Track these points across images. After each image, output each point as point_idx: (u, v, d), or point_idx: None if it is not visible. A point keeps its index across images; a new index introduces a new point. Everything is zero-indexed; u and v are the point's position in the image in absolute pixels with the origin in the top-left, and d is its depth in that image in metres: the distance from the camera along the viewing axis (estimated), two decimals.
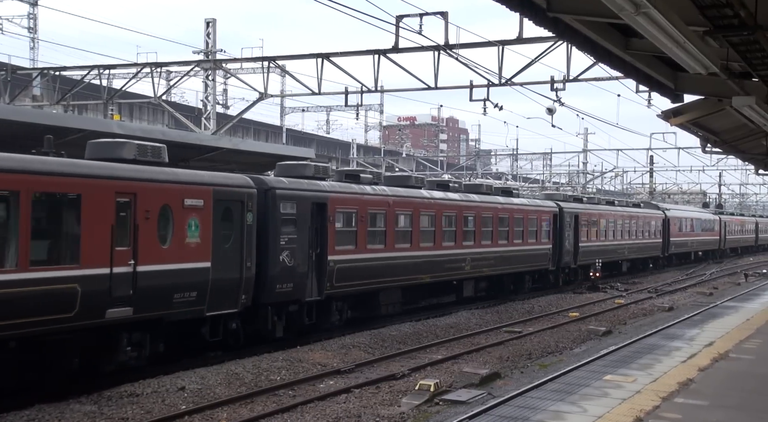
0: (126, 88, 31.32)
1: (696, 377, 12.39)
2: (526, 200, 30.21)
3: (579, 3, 9.98)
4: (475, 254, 24.59)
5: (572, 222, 32.28)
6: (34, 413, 11.22)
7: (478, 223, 24.85)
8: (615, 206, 39.57)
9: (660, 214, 45.33)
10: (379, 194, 20.16)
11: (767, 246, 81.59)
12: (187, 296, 13.99)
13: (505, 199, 27.45)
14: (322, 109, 63.51)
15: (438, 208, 22.63)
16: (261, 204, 16.02)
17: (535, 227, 28.98)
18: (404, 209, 21.03)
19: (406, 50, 23.06)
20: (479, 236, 24.90)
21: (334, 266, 18.13)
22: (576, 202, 34.91)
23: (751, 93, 13.26)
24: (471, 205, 24.65)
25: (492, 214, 25.86)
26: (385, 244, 20.16)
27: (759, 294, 28.90)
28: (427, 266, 21.98)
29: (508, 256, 26.92)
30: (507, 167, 71.27)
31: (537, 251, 29.27)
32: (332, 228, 18.09)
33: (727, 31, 8.83)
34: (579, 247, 32.93)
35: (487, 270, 25.57)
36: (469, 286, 24.96)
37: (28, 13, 43.02)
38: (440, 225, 22.73)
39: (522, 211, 28.20)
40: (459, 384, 13.81)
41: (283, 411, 11.87)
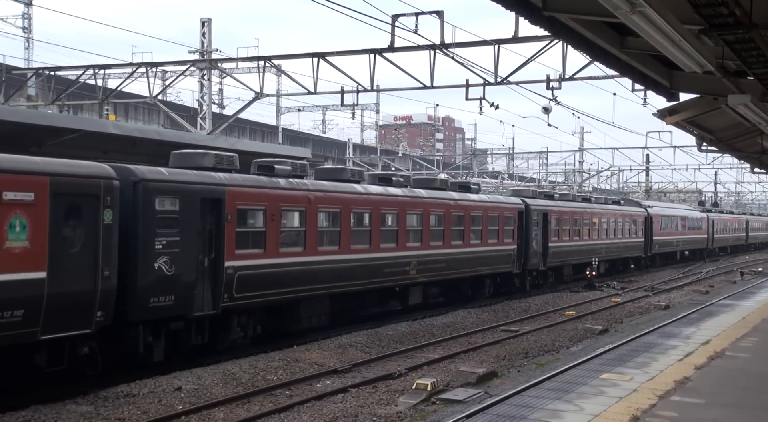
0: (121, 89, 31.26)
1: (692, 375, 12.41)
2: (486, 196, 27.26)
3: (574, 2, 10.00)
4: (422, 257, 22.02)
5: (540, 220, 29.67)
6: (30, 413, 11.19)
7: (425, 221, 22.28)
8: (591, 204, 36.98)
9: (642, 212, 43.10)
10: (296, 188, 17.33)
11: (758, 245, 79.83)
12: (8, 317, 11.00)
13: (459, 195, 24.88)
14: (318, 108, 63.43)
15: (375, 205, 19.99)
16: (128, 199, 13.23)
17: (496, 225, 26.39)
18: (330, 206, 18.40)
19: (402, 50, 23.04)
20: (427, 236, 22.34)
21: (234, 274, 15.25)
22: (546, 199, 32.42)
23: (746, 91, 13.28)
24: (417, 201, 22.06)
25: (443, 211, 23.30)
26: (305, 247, 17.39)
27: (755, 292, 28.95)
28: (360, 271, 19.29)
29: (464, 258, 24.40)
30: (503, 166, 71.35)
31: (498, 253, 26.64)
32: (231, 228, 15.26)
33: (722, 30, 8.84)
34: (549, 248, 30.34)
35: (438, 274, 23.10)
36: (417, 292, 22.41)
37: (23, 13, 42.91)
38: (377, 224, 20.08)
39: (480, 208, 25.52)
40: (456, 383, 13.82)
41: (280, 411, 11.86)
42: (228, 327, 15.66)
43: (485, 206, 25.92)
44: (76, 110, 37.32)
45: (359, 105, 28.83)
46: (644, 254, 43.18)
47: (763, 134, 20.26)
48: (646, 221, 43.01)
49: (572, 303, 26.96)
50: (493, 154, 73.14)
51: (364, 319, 20.52)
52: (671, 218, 48.29)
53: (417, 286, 22.34)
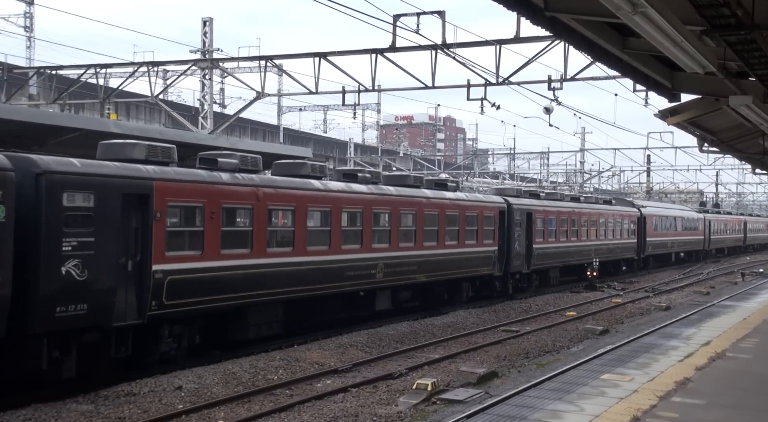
0: (123, 88, 31.29)
1: (693, 376, 12.40)
2: (463, 195, 25.52)
3: (576, 2, 9.99)
4: (390, 259, 20.35)
5: (524, 221, 28.03)
6: (31, 412, 11.20)
7: (394, 221, 20.59)
8: (580, 203, 35.33)
9: (634, 212, 41.51)
10: (242, 184, 15.69)
11: (757, 247, 77.95)
12: None
13: (433, 193, 23.17)
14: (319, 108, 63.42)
15: (336, 202, 18.39)
16: (28, 194, 11.67)
17: (474, 225, 24.69)
18: (283, 204, 16.85)
19: (404, 49, 23.06)
20: (396, 236, 20.65)
21: (164, 279, 13.59)
22: (531, 198, 30.92)
23: (748, 92, 13.27)
24: (384, 199, 20.33)
25: (415, 210, 21.62)
26: (252, 248, 15.79)
27: (756, 293, 28.93)
28: (318, 275, 17.71)
29: (439, 260, 22.72)
30: (504, 167, 71.36)
31: (477, 255, 24.95)
32: (160, 228, 13.64)
33: (724, 31, 8.83)
34: (533, 249, 28.67)
35: (409, 278, 21.44)
36: (385, 297, 20.76)
37: (25, 12, 42.94)
38: (338, 224, 18.51)
39: (457, 207, 23.83)
40: (456, 383, 13.82)
41: (280, 411, 11.87)
42: (157, 337, 13.97)
43: (462, 205, 24.29)
44: (77, 109, 37.33)
45: (360, 105, 28.81)
46: (637, 256, 41.71)
47: (764, 135, 20.25)
48: (639, 221, 41.62)
49: (573, 304, 26.96)
50: (495, 154, 73.11)
51: (324, 326, 19.04)
52: (666, 218, 46.80)
53: (385, 290, 20.63)
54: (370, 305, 20.37)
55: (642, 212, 42.14)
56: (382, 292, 20.59)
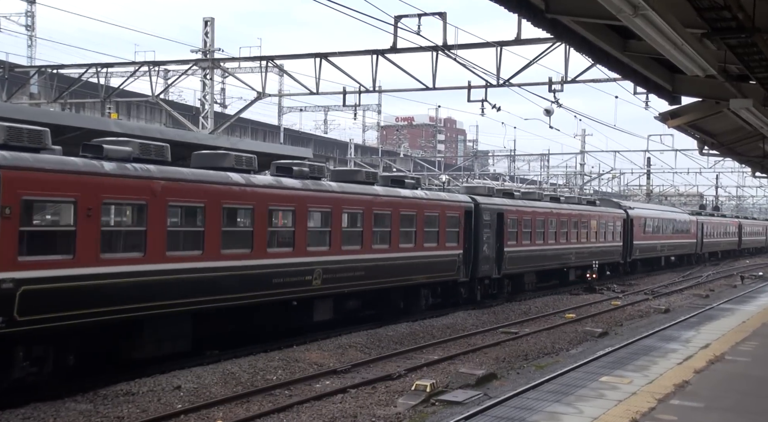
0: (124, 87, 31.32)
1: (692, 379, 12.40)
2: (422, 193, 22.86)
3: (577, 4, 9.99)
4: (330, 264, 18.07)
5: (494, 221, 25.93)
6: (30, 411, 11.21)
7: (335, 221, 18.33)
8: (560, 203, 32.96)
9: (620, 213, 39.37)
10: (132, 175, 13.19)
11: (752, 251, 75.45)
12: None
13: (385, 190, 20.78)
14: (319, 109, 63.55)
15: (261, 199, 16.07)
16: None
17: (435, 226, 22.51)
18: (188, 200, 14.48)
19: (405, 51, 23.09)
20: (338, 238, 18.41)
21: (15, 290, 11.24)
22: (505, 197, 28.70)
23: (748, 96, 13.27)
24: (323, 196, 18.00)
25: (362, 209, 19.29)
26: (146, 251, 13.34)
27: (755, 297, 28.93)
28: (234, 282, 15.36)
29: (392, 265, 20.47)
30: (504, 168, 71.42)
31: (438, 259, 22.75)
32: (10, 227, 11.39)
33: (724, 34, 8.85)
34: (504, 253, 26.59)
35: (354, 284, 19.11)
36: (325, 306, 18.42)
37: (26, 11, 43.01)
38: (263, 224, 16.13)
39: (414, 205, 21.52)
40: (455, 384, 13.82)
41: (279, 411, 11.87)
42: (8, 361, 11.56)
43: (420, 204, 21.91)
44: (78, 109, 37.36)
45: (361, 106, 28.77)
46: (623, 260, 39.55)
47: (764, 139, 20.25)
48: (625, 223, 39.54)
49: (572, 306, 26.97)
50: (495, 156, 73.19)
51: (250, 340, 16.75)
52: (655, 220, 44.61)
53: (324, 299, 18.31)
54: (307, 315, 17.96)
55: (629, 214, 40.29)
56: (321, 301, 18.20)
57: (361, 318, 20.57)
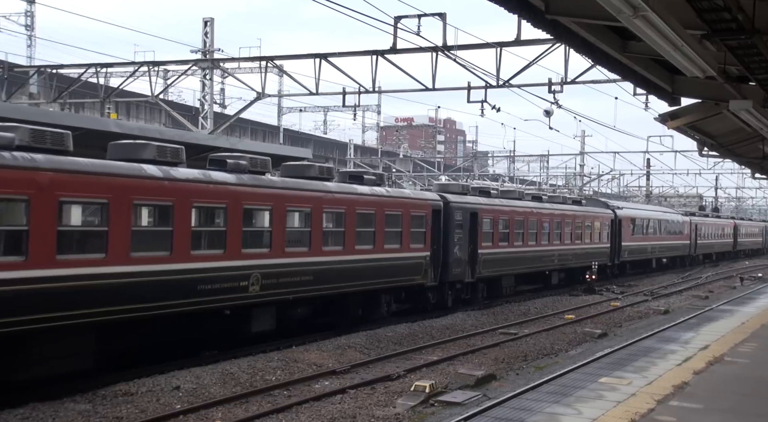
0: (123, 87, 31.32)
1: (691, 380, 12.40)
2: (383, 190, 20.92)
3: (577, 5, 9.99)
4: (271, 268, 16.19)
5: (467, 221, 24.24)
6: (29, 411, 11.20)
7: (278, 220, 16.47)
8: (542, 203, 31.15)
9: (608, 213, 37.64)
10: (8, 166, 11.31)
11: (748, 252, 73.32)
12: None
13: (339, 186, 18.94)
14: (319, 109, 63.57)
15: (183, 195, 14.10)
16: None
17: (397, 226, 20.64)
18: (89, 195, 12.64)
19: (404, 51, 23.09)
20: (280, 239, 16.53)
21: None
22: (481, 195, 26.94)
23: (748, 97, 13.27)
24: (262, 192, 16.15)
25: (311, 207, 17.47)
26: (28, 255, 11.51)
27: (754, 298, 28.94)
28: (147, 290, 13.46)
29: (345, 269, 18.62)
30: (504, 169, 71.45)
31: (401, 262, 20.85)
32: None
33: (724, 35, 8.84)
34: (479, 255, 24.83)
35: (302, 291, 17.23)
36: (265, 316, 16.55)
37: (26, 11, 43.00)
38: (185, 223, 14.16)
39: (372, 203, 19.71)
40: (454, 385, 13.82)
41: (278, 412, 11.86)
42: None
43: (380, 202, 20.04)
44: (77, 108, 37.36)
45: (361, 106, 28.77)
46: (610, 262, 37.78)
47: (764, 140, 20.26)
48: (613, 224, 37.86)
49: (572, 307, 26.97)
50: (494, 156, 73.22)
51: (167, 357, 14.69)
52: (645, 221, 42.93)
53: (265, 307, 16.43)
54: (244, 325, 16.19)
55: (617, 214, 38.61)
56: (260, 309, 16.33)
57: (314, 326, 18.68)
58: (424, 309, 22.72)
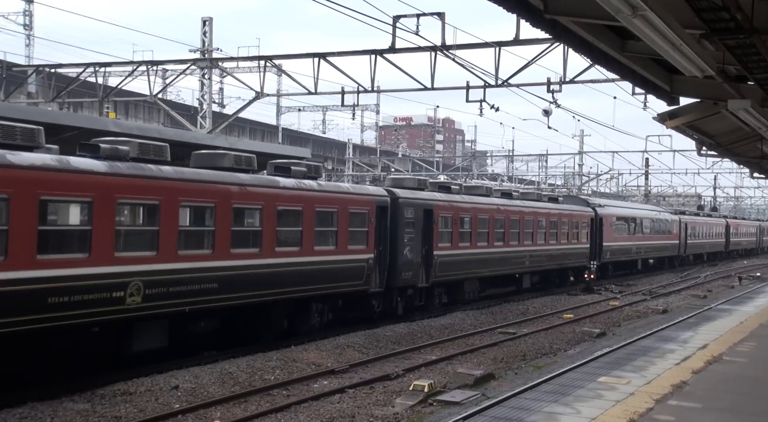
0: (122, 87, 31.30)
1: (689, 379, 12.41)
2: (313, 183, 17.98)
3: (576, 5, 9.99)
4: (158, 274, 13.55)
5: (420, 219, 21.77)
6: (27, 411, 11.20)
7: (166, 217, 13.74)
8: (512, 200, 28.86)
9: (587, 211, 35.25)
10: None
11: (741, 252, 70.97)
12: None
13: (254, 178, 16.29)
14: (318, 108, 63.52)
15: (21, 187, 11.41)
16: None
17: (332, 225, 18.28)
18: None
19: (403, 51, 23.07)
20: (171, 240, 13.79)
21: None
22: (440, 191, 24.40)
23: (746, 96, 13.28)
24: (143, 184, 13.37)
25: (215, 202, 14.88)
26: None
27: (753, 297, 28.96)
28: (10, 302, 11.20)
29: (263, 274, 16.08)
30: (503, 169, 71.50)
31: (337, 265, 18.42)
32: None
33: (723, 35, 8.84)
34: (435, 257, 22.40)
35: (199, 301, 14.50)
36: (152, 331, 13.93)
37: (24, 10, 42.95)
38: (27, 220, 11.48)
39: (298, 199, 17.11)
40: (453, 384, 13.82)
41: (276, 411, 11.86)
42: None
43: (310, 197, 17.50)
44: (76, 108, 37.35)
45: (359, 106, 28.83)
46: (590, 264, 35.18)
47: (762, 139, 20.27)
48: (593, 223, 35.54)
49: (570, 306, 26.98)
50: (493, 156, 73.25)
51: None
52: (629, 219, 40.74)
53: (151, 321, 13.81)
54: (123, 343, 13.64)
55: (597, 212, 36.20)
56: (144, 324, 13.73)
57: (226, 342, 16.10)
58: (369, 318, 20.28)
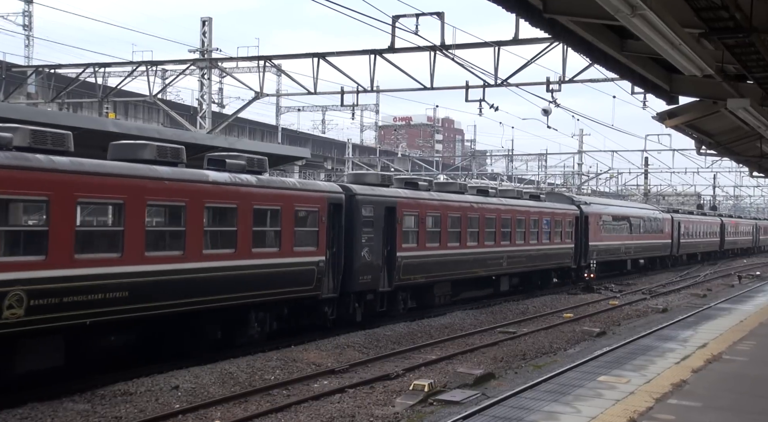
0: (121, 87, 31.29)
1: (689, 378, 12.42)
2: (250, 178, 15.95)
3: (575, 4, 9.99)
4: (45, 282, 11.66)
5: (381, 218, 19.95)
6: (27, 411, 11.20)
7: (59, 216, 11.91)
8: (488, 197, 26.83)
9: (572, 210, 33.26)
10: None
11: (737, 252, 69.43)
12: None
13: (176, 171, 14.22)
14: (317, 108, 63.54)
15: None
16: None
17: (274, 225, 16.43)
18: None
19: (402, 50, 23.07)
20: (63, 242, 11.93)
21: None
22: (407, 187, 22.52)
23: (745, 95, 13.29)
24: (26, 177, 11.54)
25: (124, 199, 13.02)
26: None
27: (752, 296, 28.97)
28: None
29: (187, 281, 14.17)
30: (502, 168, 71.46)
31: (282, 269, 16.57)
32: None
33: (722, 34, 8.85)
34: (398, 258, 20.59)
35: (103, 313, 12.65)
36: (43, 349, 12.12)
37: (23, 11, 42.94)
38: None
39: (232, 195, 15.26)
40: (453, 384, 13.83)
41: (277, 411, 11.87)
42: None
43: (246, 193, 15.66)
44: (75, 108, 37.34)
45: (359, 106, 28.82)
46: (575, 264, 33.51)
47: (762, 138, 20.27)
48: (578, 221, 33.66)
49: (570, 305, 26.99)
50: (493, 155, 73.24)
51: None
52: (617, 218, 39.04)
53: (41, 337, 11.95)
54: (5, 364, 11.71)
55: (582, 211, 34.34)
56: (32, 341, 11.84)
57: (148, 356, 14.40)
58: (323, 327, 18.50)
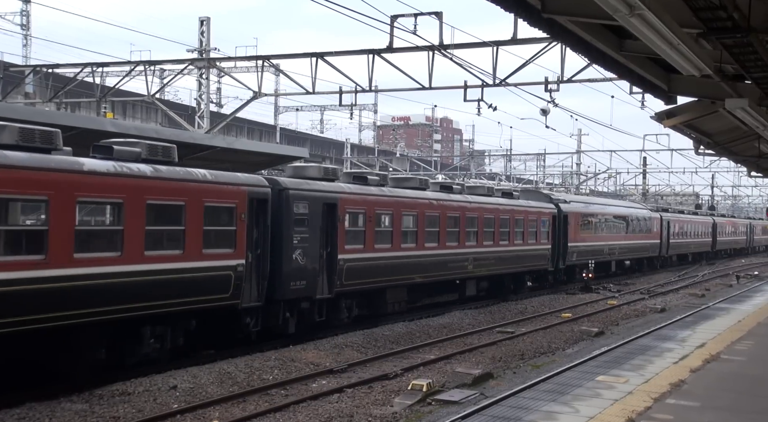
0: (119, 86, 31.28)
1: (687, 378, 12.42)
2: (146, 168, 13.49)
3: (574, 4, 10.00)
4: None
5: (317, 216, 17.66)
6: (25, 411, 11.18)
7: None
8: (452, 194, 24.22)
9: (548, 208, 30.89)
10: None
11: (729, 252, 67.68)
12: None
13: (34, 159, 11.56)
14: (316, 108, 63.51)
15: None
16: None
17: (175, 223, 14.04)
18: None
19: (401, 50, 23.07)
20: None
21: None
22: (356, 181, 20.14)
23: (744, 95, 13.30)
24: None
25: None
26: None
27: (750, 296, 29.00)
28: None
29: (53, 291, 11.66)
30: (501, 168, 71.48)
31: (187, 275, 14.13)
32: None
33: (720, 34, 8.85)
34: (339, 261, 18.35)
35: None
36: None
37: (21, 10, 42.94)
38: None
39: (117, 188, 12.75)
40: (452, 384, 13.83)
41: (275, 411, 11.86)
42: None
43: (136, 186, 13.12)
44: (73, 108, 37.32)
45: (357, 105, 28.79)
46: (553, 266, 31.23)
47: (760, 138, 20.29)
48: (556, 220, 31.26)
49: (568, 305, 27.00)
50: (491, 155, 73.24)
51: None
52: (599, 217, 36.61)
53: None
54: None
55: (561, 209, 31.95)
56: None
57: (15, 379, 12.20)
58: (245, 341, 16.34)
